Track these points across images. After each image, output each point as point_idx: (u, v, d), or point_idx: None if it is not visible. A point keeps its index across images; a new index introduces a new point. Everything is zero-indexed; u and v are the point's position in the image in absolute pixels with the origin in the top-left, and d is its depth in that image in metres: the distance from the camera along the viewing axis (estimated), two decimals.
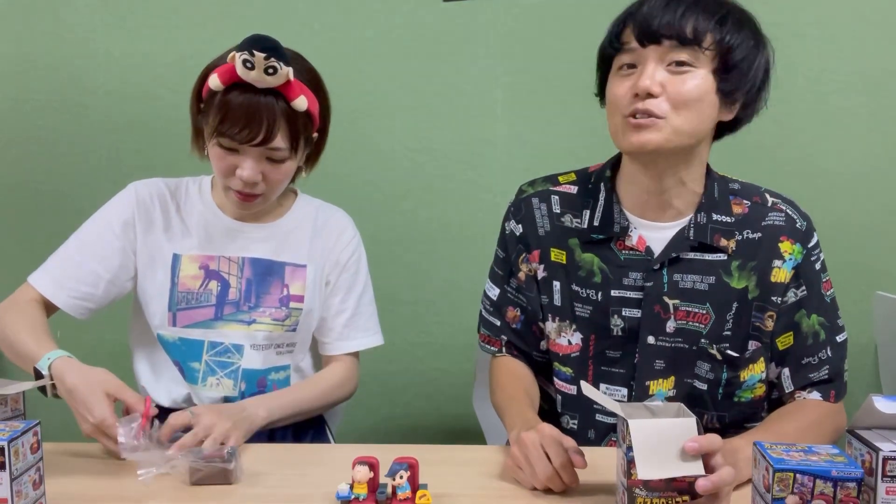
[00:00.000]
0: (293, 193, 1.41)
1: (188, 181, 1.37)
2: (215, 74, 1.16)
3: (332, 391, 1.34)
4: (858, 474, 0.78)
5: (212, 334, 1.30)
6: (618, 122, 1.10)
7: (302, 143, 1.24)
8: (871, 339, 1.83)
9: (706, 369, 1.14)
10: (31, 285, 1.26)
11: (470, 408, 1.59)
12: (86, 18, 1.88)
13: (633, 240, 1.16)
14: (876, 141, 1.82)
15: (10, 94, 1.91)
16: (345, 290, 1.37)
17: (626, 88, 1.08)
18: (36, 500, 0.89)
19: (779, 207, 1.18)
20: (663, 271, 1.14)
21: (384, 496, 0.90)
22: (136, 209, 1.30)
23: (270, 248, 1.33)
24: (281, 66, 1.13)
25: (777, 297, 1.14)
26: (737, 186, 1.20)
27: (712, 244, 1.13)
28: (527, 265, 1.23)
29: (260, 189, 1.24)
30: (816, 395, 1.15)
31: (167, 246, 1.30)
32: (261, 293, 1.31)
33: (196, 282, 1.29)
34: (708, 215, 1.14)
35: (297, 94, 1.18)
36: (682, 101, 1.05)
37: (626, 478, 0.86)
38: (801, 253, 1.15)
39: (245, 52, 1.12)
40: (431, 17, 1.85)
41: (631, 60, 1.08)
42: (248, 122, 1.16)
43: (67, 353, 1.13)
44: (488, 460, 1.10)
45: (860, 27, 1.79)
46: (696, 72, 1.06)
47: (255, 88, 1.15)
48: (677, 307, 1.13)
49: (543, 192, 1.24)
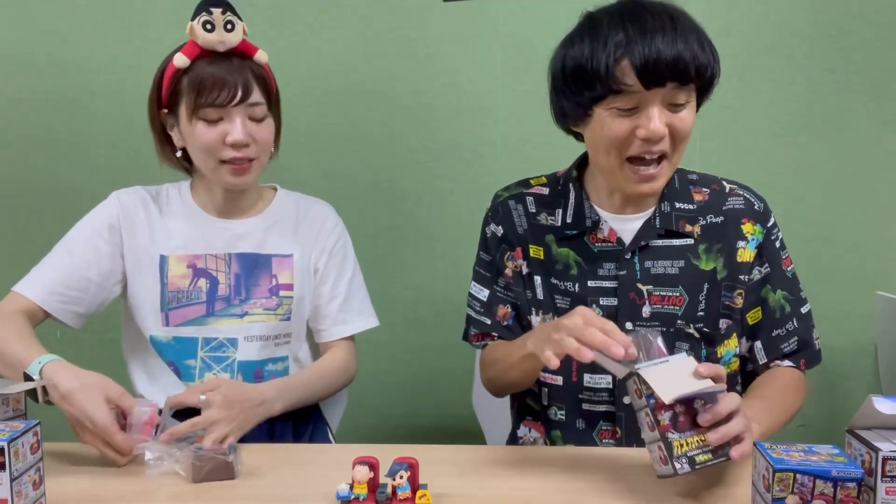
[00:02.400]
0: (273, 189, 1.43)
1: (168, 186, 1.38)
2: (179, 53, 1.22)
3: (338, 377, 1.38)
4: (858, 474, 0.78)
5: (205, 331, 1.30)
6: (616, 166, 1.12)
7: (274, 98, 1.30)
8: (871, 340, 1.83)
9: (686, 349, 1.18)
10: (19, 294, 1.24)
11: (470, 408, 1.59)
12: (86, 18, 1.88)
13: (604, 232, 1.21)
14: (876, 141, 1.82)
15: (9, 94, 1.91)
16: (335, 275, 1.40)
17: (625, 129, 1.08)
18: (36, 501, 0.89)
19: (736, 192, 1.24)
20: (635, 259, 1.19)
21: (384, 496, 0.90)
22: (120, 214, 1.31)
23: (255, 242, 1.35)
24: (237, 20, 1.21)
25: (744, 276, 1.20)
26: (695, 177, 1.26)
27: (678, 230, 1.19)
28: (512, 262, 1.27)
29: (252, 152, 1.25)
30: (788, 363, 1.23)
31: (153, 249, 1.31)
32: (250, 285, 1.33)
33: (185, 280, 1.30)
34: (671, 204, 1.20)
35: (255, 49, 1.25)
36: (682, 138, 1.10)
37: (657, 427, 0.90)
38: (761, 233, 1.21)
39: (203, 13, 1.19)
40: (431, 17, 1.85)
41: (632, 104, 1.07)
42: (223, 83, 1.20)
43: (58, 357, 1.10)
44: (488, 460, 1.10)
45: (860, 27, 1.80)
46: (690, 104, 1.10)
47: (219, 55, 1.22)
48: (651, 292, 1.18)
49: (518, 195, 1.29)
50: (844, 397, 1.89)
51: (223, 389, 1.15)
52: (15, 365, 1.11)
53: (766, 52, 1.81)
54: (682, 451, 0.89)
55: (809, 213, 1.85)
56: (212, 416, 1.12)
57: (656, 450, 0.92)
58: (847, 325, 1.86)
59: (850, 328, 1.86)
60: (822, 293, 1.84)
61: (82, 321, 1.30)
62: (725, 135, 1.84)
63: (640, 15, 1.06)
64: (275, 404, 1.22)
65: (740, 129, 1.84)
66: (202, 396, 1.13)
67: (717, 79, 1.11)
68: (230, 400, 1.15)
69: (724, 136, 1.84)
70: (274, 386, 1.26)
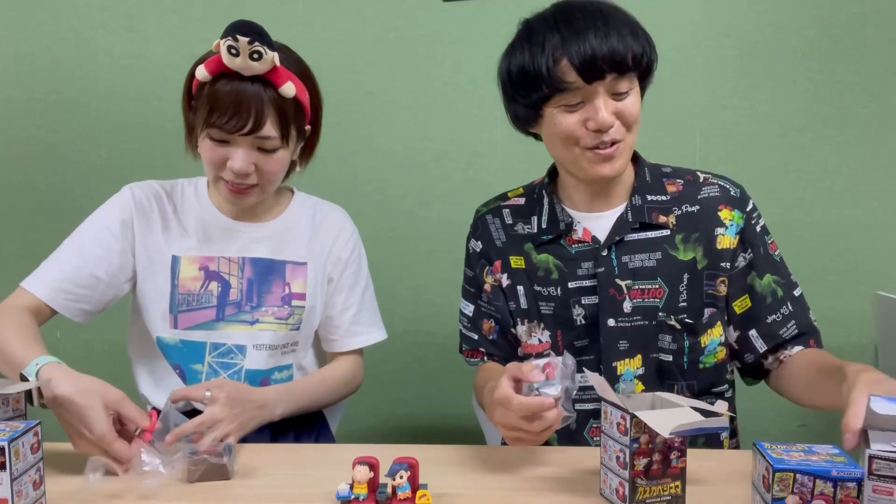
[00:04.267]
0: (290, 192, 1.40)
1: (183, 182, 1.36)
2: (202, 66, 1.16)
3: (342, 387, 1.37)
4: (858, 474, 0.78)
5: (214, 335, 1.29)
6: (577, 154, 1.16)
7: (293, 133, 1.23)
8: (871, 340, 1.83)
9: (668, 340, 1.19)
10: (26, 290, 1.22)
11: (470, 408, 1.59)
12: (86, 18, 1.89)
13: (578, 233, 1.23)
14: (876, 141, 1.82)
15: (10, 94, 1.91)
16: (349, 286, 1.38)
17: (575, 122, 1.13)
18: (36, 501, 0.89)
19: (710, 181, 1.25)
20: (611, 256, 1.20)
21: (384, 496, 0.90)
22: (133, 211, 1.29)
23: (270, 247, 1.32)
24: (266, 50, 1.12)
25: (726, 263, 1.20)
26: (668, 170, 1.27)
27: (651, 222, 1.21)
28: (491, 276, 1.30)
29: (252, 180, 1.22)
30: (798, 347, 1.21)
31: (166, 248, 1.29)
32: (262, 292, 1.31)
33: (196, 283, 1.29)
34: (643, 197, 1.22)
35: (284, 81, 1.17)
36: (631, 122, 1.15)
37: (629, 469, 0.89)
38: (741, 218, 1.22)
39: (229, 37, 1.11)
40: (431, 17, 1.85)
41: (578, 99, 1.12)
42: (236, 110, 1.15)
43: (58, 359, 1.07)
44: (488, 460, 1.10)
45: (860, 27, 1.80)
46: (633, 90, 1.14)
47: (243, 77, 1.15)
48: (630, 287, 1.19)
49: (495, 209, 1.32)
50: None
51: (227, 388, 1.15)
52: (14, 364, 1.08)
53: (766, 52, 1.81)
54: (642, 498, 0.90)
55: (809, 213, 1.85)
56: (215, 414, 1.11)
57: (615, 480, 0.92)
58: (847, 325, 1.86)
59: (850, 328, 1.86)
60: (822, 293, 1.84)
61: (90, 318, 1.28)
62: (725, 135, 1.84)
63: (571, 16, 1.11)
64: (275, 409, 1.22)
65: (740, 129, 1.84)
66: (207, 392, 1.13)
67: (655, 64, 1.16)
68: (234, 399, 1.14)
69: (724, 136, 1.84)
70: (276, 391, 1.25)
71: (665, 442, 0.90)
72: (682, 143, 1.85)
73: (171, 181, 1.36)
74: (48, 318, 1.24)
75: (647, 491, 0.90)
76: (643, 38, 1.13)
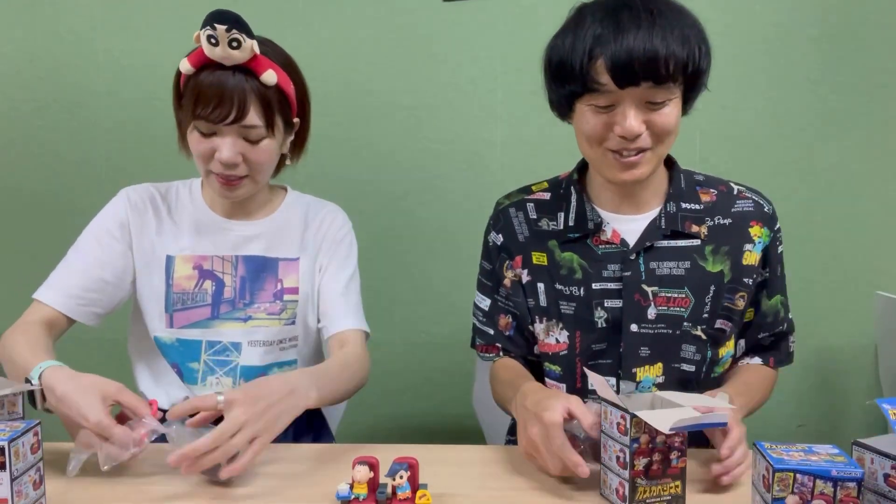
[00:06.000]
0: (283, 190, 1.41)
1: (178, 184, 1.37)
2: (185, 59, 1.17)
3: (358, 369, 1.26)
4: (858, 474, 0.78)
5: (209, 334, 1.29)
6: (599, 155, 1.12)
7: (279, 123, 1.23)
8: (871, 339, 1.83)
9: (692, 351, 1.18)
10: (39, 301, 1.24)
11: (470, 408, 1.59)
12: (86, 18, 1.89)
13: (607, 234, 1.19)
14: (876, 141, 1.82)
15: (9, 95, 1.91)
16: (336, 266, 1.35)
17: (602, 125, 1.08)
18: (36, 501, 0.89)
19: (745, 195, 1.23)
20: (639, 260, 1.17)
21: (384, 496, 0.90)
22: (129, 213, 1.30)
23: (263, 245, 1.33)
24: (244, 38, 1.13)
25: (748, 279, 1.20)
26: (701, 178, 1.25)
27: (684, 231, 1.18)
28: (511, 271, 1.26)
29: (241, 171, 1.22)
30: (757, 360, 1.27)
31: (160, 248, 1.30)
32: (255, 290, 1.32)
33: (190, 282, 1.30)
34: (677, 204, 1.19)
35: (265, 69, 1.17)
36: (664, 133, 1.09)
37: (629, 469, 0.89)
38: (768, 236, 1.21)
39: (207, 27, 1.12)
40: (431, 17, 1.85)
41: (608, 102, 1.06)
42: (219, 100, 1.15)
43: (61, 363, 1.08)
44: (488, 460, 1.10)
45: (860, 27, 1.80)
46: (673, 101, 1.08)
47: (225, 67, 1.16)
48: (656, 294, 1.17)
49: (519, 202, 1.28)
50: (844, 397, 1.90)
51: (244, 386, 1.03)
52: (21, 371, 1.10)
53: (766, 51, 1.81)
54: (643, 498, 0.90)
55: (809, 213, 1.85)
56: (237, 417, 0.97)
57: (615, 480, 0.92)
58: (847, 325, 1.86)
59: (850, 328, 1.86)
60: (822, 293, 1.85)
61: (102, 320, 1.29)
62: (725, 135, 1.84)
63: (622, 8, 1.04)
64: (310, 392, 1.08)
65: (740, 129, 1.84)
66: (220, 397, 0.99)
67: (704, 75, 1.08)
68: (253, 395, 1.00)
69: (724, 136, 1.84)
70: (305, 372, 1.13)
71: (665, 442, 0.90)
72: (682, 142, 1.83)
73: (167, 183, 1.37)
74: (65, 328, 1.25)
75: (647, 491, 0.90)
76: (693, 45, 1.04)
